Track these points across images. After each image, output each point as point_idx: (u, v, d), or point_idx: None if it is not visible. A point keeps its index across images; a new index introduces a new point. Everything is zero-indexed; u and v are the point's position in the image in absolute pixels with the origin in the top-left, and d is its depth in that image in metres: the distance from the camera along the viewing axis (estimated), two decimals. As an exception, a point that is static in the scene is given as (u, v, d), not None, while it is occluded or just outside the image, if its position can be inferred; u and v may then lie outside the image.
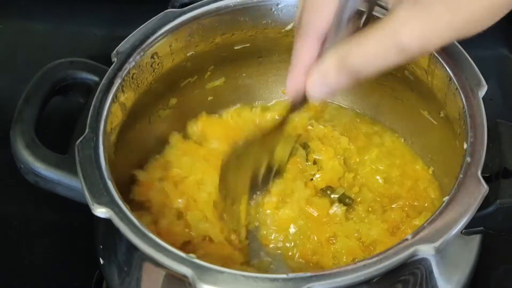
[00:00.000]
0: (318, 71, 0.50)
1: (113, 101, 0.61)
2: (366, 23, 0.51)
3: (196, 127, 0.74)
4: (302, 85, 0.51)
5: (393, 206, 0.69)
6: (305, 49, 0.51)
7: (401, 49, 0.44)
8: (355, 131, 0.76)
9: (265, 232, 0.68)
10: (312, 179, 0.71)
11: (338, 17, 0.49)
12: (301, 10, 0.51)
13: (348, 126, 0.77)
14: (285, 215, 0.68)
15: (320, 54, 0.51)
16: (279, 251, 0.67)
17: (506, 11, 0.43)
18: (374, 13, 0.52)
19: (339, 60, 0.47)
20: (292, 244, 0.67)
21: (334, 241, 0.66)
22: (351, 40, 0.47)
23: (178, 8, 0.68)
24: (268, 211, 0.69)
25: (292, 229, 0.67)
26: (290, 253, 0.67)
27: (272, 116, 0.77)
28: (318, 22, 0.50)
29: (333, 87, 0.49)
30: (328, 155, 0.72)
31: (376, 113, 0.77)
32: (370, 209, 0.69)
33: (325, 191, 0.70)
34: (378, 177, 0.71)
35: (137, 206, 0.67)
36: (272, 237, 0.68)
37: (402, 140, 0.75)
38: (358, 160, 0.73)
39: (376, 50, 0.45)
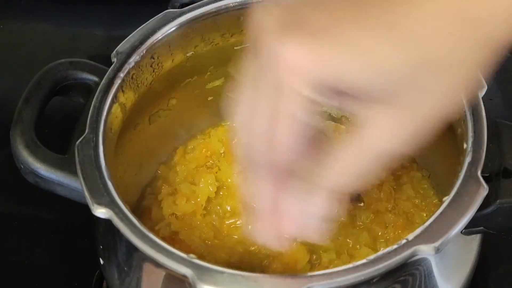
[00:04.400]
0: (301, 207, 0.43)
1: (113, 101, 0.60)
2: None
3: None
4: (281, 229, 0.45)
5: None
6: (269, 189, 0.43)
7: (382, 154, 0.40)
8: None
9: None
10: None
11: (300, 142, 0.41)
12: (248, 146, 0.43)
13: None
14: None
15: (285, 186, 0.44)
16: None
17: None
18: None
19: (326, 190, 0.42)
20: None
21: None
22: (324, 162, 0.41)
23: (178, 8, 0.68)
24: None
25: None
26: None
27: None
28: (279, 157, 0.42)
29: (327, 216, 0.44)
30: None
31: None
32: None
33: None
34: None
35: None
36: None
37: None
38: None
39: (355, 162, 0.40)
